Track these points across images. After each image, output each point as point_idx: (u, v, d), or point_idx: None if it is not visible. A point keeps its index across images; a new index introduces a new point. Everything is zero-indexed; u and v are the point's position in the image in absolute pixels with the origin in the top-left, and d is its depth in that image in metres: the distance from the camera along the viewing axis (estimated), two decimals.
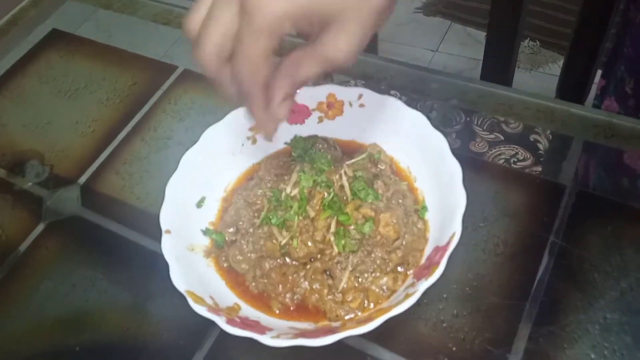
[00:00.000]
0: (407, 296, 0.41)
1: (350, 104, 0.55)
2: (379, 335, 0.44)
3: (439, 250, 0.45)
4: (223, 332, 0.42)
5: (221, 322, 0.42)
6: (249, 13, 0.33)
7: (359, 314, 0.45)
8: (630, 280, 0.46)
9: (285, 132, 0.56)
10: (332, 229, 0.47)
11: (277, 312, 0.46)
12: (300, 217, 0.47)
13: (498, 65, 1.02)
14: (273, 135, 0.42)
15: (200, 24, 0.36)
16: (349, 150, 0.55)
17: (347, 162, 0.52)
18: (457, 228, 0.44)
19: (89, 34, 0.78)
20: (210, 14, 0.35)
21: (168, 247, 0.46)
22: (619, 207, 0.51)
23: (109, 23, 0.80)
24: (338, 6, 0.33)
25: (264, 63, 0.35)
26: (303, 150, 0.53)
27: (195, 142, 0.53)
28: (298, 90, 0.48)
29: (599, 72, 0.78)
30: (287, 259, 0.48)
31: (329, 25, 0.34)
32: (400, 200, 0.50)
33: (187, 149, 0.53)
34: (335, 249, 0.46)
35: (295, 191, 0.48)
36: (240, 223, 0.50)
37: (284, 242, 0.47)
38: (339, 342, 0.40)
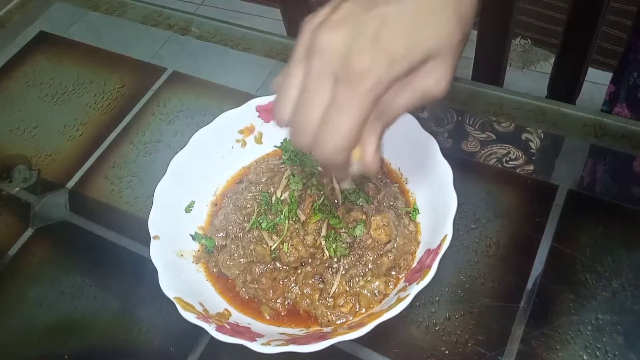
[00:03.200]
0: (399, 300, 0.41)
1: None
2: (371, 339, 0.44)
3: (430, 253, 0.44)
4: (214, 338, 0.41)
5: (211, 329, 0.41)
6: (350, 81, 0.31)
7: (351, 318, 0.45)
8: (622, 280, 0.46)
9: (275, 135, 0.55)
10: (323, 232, 0.46)
11: (268, 317, 0.46)
12: (291, 221, 0.47)
13: (489, 64, 1.01)
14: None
15: (293, 108, 0.33)
16: None
17: None
18: (448, 230, 0.43)
19: (78, 36, 0.78)
20: (305, 96, 0.32)
21: (157, 253, 0.46)
22: (610, 207, 0.51)
23: (97, 25, 0.79)
24: (434, 49, 0.32)
25: (358, 133, 0.32)
26: (293, 153, 0.52)
27: (184, 145, 0.53)
28: None
29: (606, 77, 0.78)
30: (278, 264, 0.47)
31: (424, 63, 0.32)
32: (391, 203, 0.49)
33: (176, 153, 0.53)
34: (326, 253, 0.46)
35: (286, 195, 0.48)
36: (230, 227, 0.50)
37: (274, 246, 0.46)
38: (331, 347, 0.40)
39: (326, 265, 0.46)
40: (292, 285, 0.47)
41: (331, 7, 0.33)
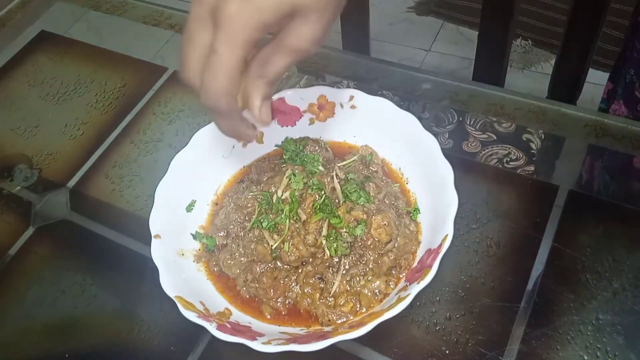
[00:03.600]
0: (399, 300, 0.41)
1: (342, 106, 0.55)
2: (372, 339, 0.44)
3: (431, 253, 0.44)
4: (215, 337, 0.41)
5: (211, 328, 0.41)
6: (222, 26, 0.34)
7: (351, 318, 0.45)
8: (623, 280, 0.46)
9: (276, 134, 0.55)
10: (324, 232, 0.46)
11: (269, 316, 0.46)
12: (292, 221, 0.47)
13: (490, 65, 1.01)
14: (255, 137, 0.41)
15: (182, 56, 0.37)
16: (340, 152, 0.55)
17: (339, 164, 0.51)
18: (449, 230, 0.43)
19: (79, 36, 0.78)
20: (188, 38, 0.36)
21: (158, 253, 0.46)
22: (611, 208, 0.51)
23: (99, 24, 0.80)
24: (301, 4, 0.34)
25: (239, 73, 0.35)
26: (294, 153, 0.53)
27: (185, 144, 0.53)
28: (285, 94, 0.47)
29: (603, 77, 0.78)
30: (279, 263, 0.47)
31: (292, 18, 0.35)
32: (392, 202, 0.49)
33: (177, 152, 0.53)
34: (327, 253, 0.46)
35: (286, 194, 0.48)
36: (231, 227, 0.50)
37: (275, 245, 0.46)
38: (332, 346, 0.40)
39: (327, 264, 0.46)
40: (293, 284, 0.47)
41: None
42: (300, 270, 0.47)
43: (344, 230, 0.46)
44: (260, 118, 0.39)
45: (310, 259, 0.47)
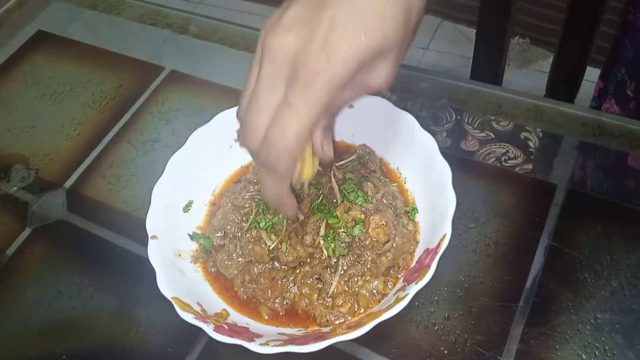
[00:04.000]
0: (398, 300, 0.41)
1: None
2: (370, 339, 0.43)
3: (429, 252, 0.44)
4: (212, 338, 0.41)
5: (209, 329, 0.41)
6: (302, 81, 0.31)
7: (349, 318, 0.45)
8: (621, 279, 0.46)
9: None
10: (322, 232, 0.46)
11: (267, 317, 0.46)
12: (289, 221, 0.46)
13: (488, 63, 1.01)
14: (295, 212, 0.39)
15: (246, 106, 0.33)
16: (338, 151, 0.54)
17: (337, 164, 0.51)
18: (447, 230, 0.43)
19: (76, 35, 0.77)
20: (257, 97, 0.32)
21: (154, 254, 0.46)
22: (609, 206, 0.51)
23: (96, 24, 0.79)
24: (381, 47, 0.32)
25: (309, 136, 0.32)
26: None
27: (182, 144, 0.53)
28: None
29: (597, 74, 0.78)
30: (276, 264, 0.47)
31: (371, 60, 0.33)
32: (390, 202, 0.49)
33: (174, 152, 0.52)
34: (325, 253, 0.46)
35: None
36: (228, 227, 0.49)
37: (272, 246, 0.46)
38: (330, 346, 0.40)
39: (325, 265, 0.46)
40: (291, 285, 0.46)
41: (283, 8, 0.33)
42: (298, 271, 0.47)
43: (342, 230, 0.46)
44: (323, 152, 0.35)
45: (308, 260, 0.46)
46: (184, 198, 0.52)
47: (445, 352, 0.44)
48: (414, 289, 0.41)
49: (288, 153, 0.32)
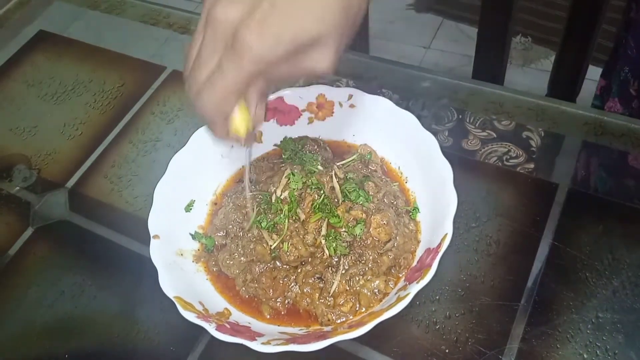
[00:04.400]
0: (399, 299, 0.41)
1: (341, 105, 0.55)
2: (371, 338, 0.44)
3: (430, 252, 0.44)
4: (214, 337, 0.41)
5: (211, 328, 0.41)
6: (235, 51, 0.34)
7: (351, 317, 0.45)
8: (622, 278, 0.46)
9: (275, 134, 0.55)
10: (323, 231, 0.46)
11: (268, 316, 0.46)
12: (291, 220, 0.46)
13: (490, 62, 1.01)
14: (249, 141, 0.42)
15: (190, 66, 0.37)
16: (339, 151, 0.55)
17: (338, 164, 0.51)
18: (448, 229, 0.43)
19: (77, 35, 0.77)
20: (198, 61, 0.36)
21: (157, 253, 0.46)
22: (611, 206, 0.51)
23: (97, 24, 0.79)
24: (318, 35, 0.35)
25: (236, 98, 0.36)
26: (293, 152, 0.52)
27: (183, 144, 0.53)
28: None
29: (599, 72, 0.78)
30: (278, 263, 0.47)
31: (310, 47, 0.35)
32: (391, 202, 0.49)
33: (175, 152, 0.52)
34: (327, 252, 0.46)
35: (285, 194, 0.48)
36: (230, 227, 0.49)
37: (274, 245, 0.46)
38: (331, 345, 0.40)
39: (326, 264, 0.46)
40: (292, 284, 0.47)
41: None
42: (299, 270, 0.47)
43: (343, 229, 0.46)
44: (255, 114, 0.39)
45: (310, 259, 0.47)
46: (186, 198, 0.52)
47: (447, 351, 0.44)
48: (415, 288, 0.41)
49: (214, 107, 0.37)
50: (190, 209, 0.52)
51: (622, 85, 0.69)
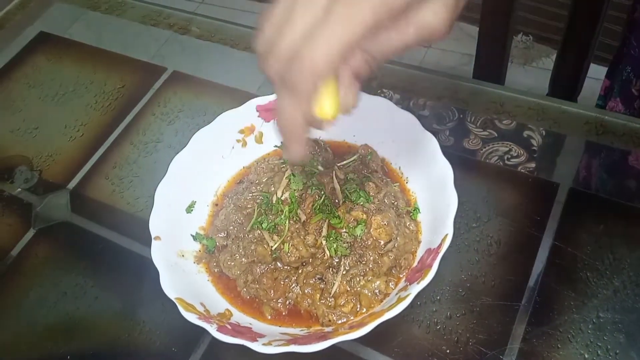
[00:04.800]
0: (400, 300, 0.41)
1: None
2: (372, 339, 0.44)
3: (431, 252, 0.44)
4: (215, 338, 0.42)
5: (212, 329, 0.41)
6: (347, 3, 0.27)
7: (352, 318, 0.45)
8: (623, 278, 0.46)
9: (275, 135, 0.55)
10: (324, 232, 0.46)
11: (269, 317, 0.46)
12: (291, 221, 0.47)
13: (491, 61, 1.01)
14: (301, 154, 0.34)
15: (275, 28, 0.30)
16: (339, 151, 0.55)
17: (338, 164, 0.51)
18: (449, 230, 0.43)
19: (78, 36, 0.78)
20: (290, 16, 0.29)
21: (158, 254, 0.46)
22: (612, 205, 0.51)
23: (97, 25, 0.79)
24: None
25: (342, 60, 0.28)
26: None
27: (184, 145, 0.53)
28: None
29: (603, 72, 0.78)
30: (279, 264, 0.47)
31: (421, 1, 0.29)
32: (392, 202, 0.49)
33: (176, 153, 0.53)
34: (327, 253, 0.46)
35: (286, 194, 0.48)
36: (231, 228, 0.50)
37: (275, 246, 0.46)
38: (332, 346, 0.40)
39: (327, 265, 0.46)
40: (293, 285, 0.47)
41: None
42: (300, 271, 0.47)
43: (344, 230, 0.46)
44: (347, 95, 0.31)
45: (310, 260, 0.47)
46: (187, 199, 0.52)
47: (448, 351, 0.44)
48: (415, 288, 0.41)
49: (315, 71, 0.28)
50: (191, 210, 0.52)
51: (624, 85, 0.68)
